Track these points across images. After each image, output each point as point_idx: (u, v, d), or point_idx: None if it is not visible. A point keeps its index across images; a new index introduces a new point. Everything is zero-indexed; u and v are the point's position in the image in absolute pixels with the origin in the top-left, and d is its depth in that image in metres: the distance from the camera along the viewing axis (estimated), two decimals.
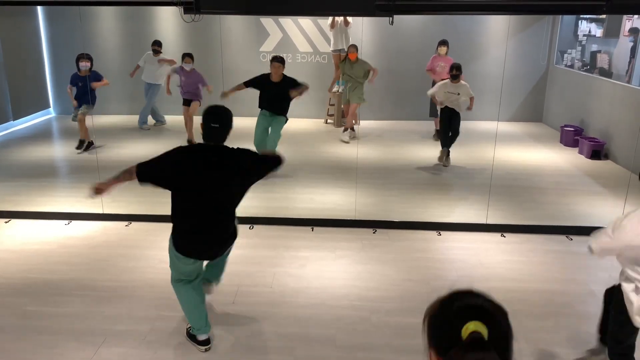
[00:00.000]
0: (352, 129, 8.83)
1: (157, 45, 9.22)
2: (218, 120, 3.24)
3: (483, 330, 1.23)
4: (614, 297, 3.05)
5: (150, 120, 9.53)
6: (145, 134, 9.14)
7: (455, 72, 7.27)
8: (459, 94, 7.30)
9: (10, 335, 3.69)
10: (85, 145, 7.96)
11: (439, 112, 7.74)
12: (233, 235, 3.52)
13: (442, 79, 7.75)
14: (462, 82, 7.39)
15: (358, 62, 8.61)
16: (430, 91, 7.72)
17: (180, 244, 3.34)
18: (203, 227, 3.31)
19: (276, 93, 6.74)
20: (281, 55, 6.92)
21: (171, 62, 9.12)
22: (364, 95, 8.79)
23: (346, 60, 8.72)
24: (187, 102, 8.39)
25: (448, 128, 7.46)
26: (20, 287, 4.29)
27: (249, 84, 6.90)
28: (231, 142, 3.38)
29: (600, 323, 3.39)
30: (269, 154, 3.50)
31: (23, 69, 10.02)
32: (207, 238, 3.35)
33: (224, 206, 3.33)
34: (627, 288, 2.88)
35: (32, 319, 3.86)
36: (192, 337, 3.56)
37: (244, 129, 8.02)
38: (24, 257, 4.80)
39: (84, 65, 7.80)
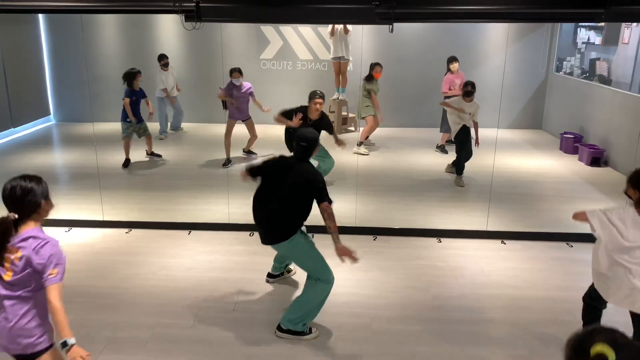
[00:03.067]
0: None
1: (165, 59, 9.10)
2: (305, 140, 3.79)
3: (610, 353, 1.39)
4: None
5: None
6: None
7: (471, 88, 6.86)
8: (470, 114, 6.92)
9: None
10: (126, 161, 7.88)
11: (453, 135, 7.20)
12: (281, 233, 3.71)
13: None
14: (475, 101, 6.96)
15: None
16: (453, 120, 7.16)
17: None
18: (258, 214, 3.80)
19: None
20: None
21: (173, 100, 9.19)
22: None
23: (372, 80, 8.48)
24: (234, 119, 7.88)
25: (467, 152, 7.07)
26: None
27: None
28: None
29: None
30: (325, 203, 3.71)
31: (24, 76, 10.05)
32: (259, 223, 3.82)
33: (277, 206, 3.70)
34: None
35: None
36: None
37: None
38: None
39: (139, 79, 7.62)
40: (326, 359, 3.53)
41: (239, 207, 6.02)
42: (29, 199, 2.50)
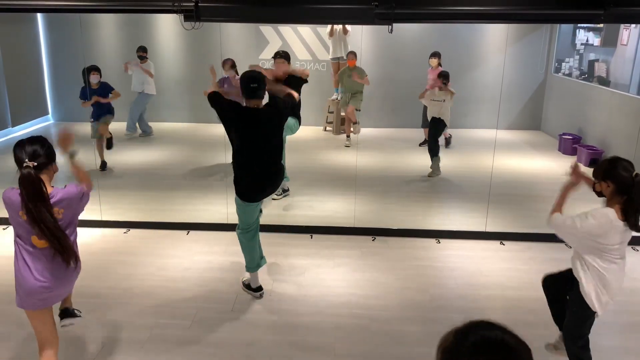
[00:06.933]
0: (352, 131, 8.91)
1: (141, 51, 8.93)
2: (256, 81, 3.86)
3: None
4: (571, 295, 3.16)
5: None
6: (134, 142, 9.14)
7: (443, 80, 7.19)
8: (444, 100, 7.18)
9: (7, 343, 3.67)
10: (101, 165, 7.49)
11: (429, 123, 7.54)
12: (281, 175, 4.17)
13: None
14: (450, 88, 7.23)
15: (356, 69, 8.64)
16: (423, 101, 7.62)
17: (242, 191, 4.00)
18: (260, 174, 4.01)
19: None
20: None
21: (149, 73, 8.92)
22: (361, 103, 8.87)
23: (345, 69, 8.71)
24: None
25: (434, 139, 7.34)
26: None
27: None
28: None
29: (553, 315, 3.50)
30: (283, 98, 4.14)
31: (22, 75, 10.03)
32: (264, 181, 4.05)
33: (272, 155, 4.03)
34: (583, 280, 3.06)
35: (29, 327, 3.83)
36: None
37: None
38: None
39: (94, 78, 7.37)
40: (324, 359, 3.52)
41: None
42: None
